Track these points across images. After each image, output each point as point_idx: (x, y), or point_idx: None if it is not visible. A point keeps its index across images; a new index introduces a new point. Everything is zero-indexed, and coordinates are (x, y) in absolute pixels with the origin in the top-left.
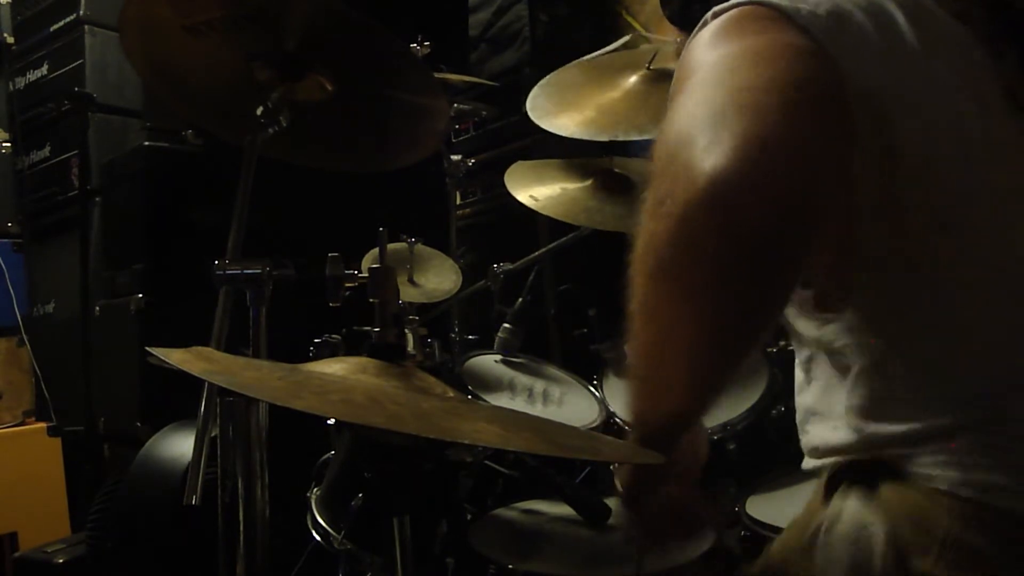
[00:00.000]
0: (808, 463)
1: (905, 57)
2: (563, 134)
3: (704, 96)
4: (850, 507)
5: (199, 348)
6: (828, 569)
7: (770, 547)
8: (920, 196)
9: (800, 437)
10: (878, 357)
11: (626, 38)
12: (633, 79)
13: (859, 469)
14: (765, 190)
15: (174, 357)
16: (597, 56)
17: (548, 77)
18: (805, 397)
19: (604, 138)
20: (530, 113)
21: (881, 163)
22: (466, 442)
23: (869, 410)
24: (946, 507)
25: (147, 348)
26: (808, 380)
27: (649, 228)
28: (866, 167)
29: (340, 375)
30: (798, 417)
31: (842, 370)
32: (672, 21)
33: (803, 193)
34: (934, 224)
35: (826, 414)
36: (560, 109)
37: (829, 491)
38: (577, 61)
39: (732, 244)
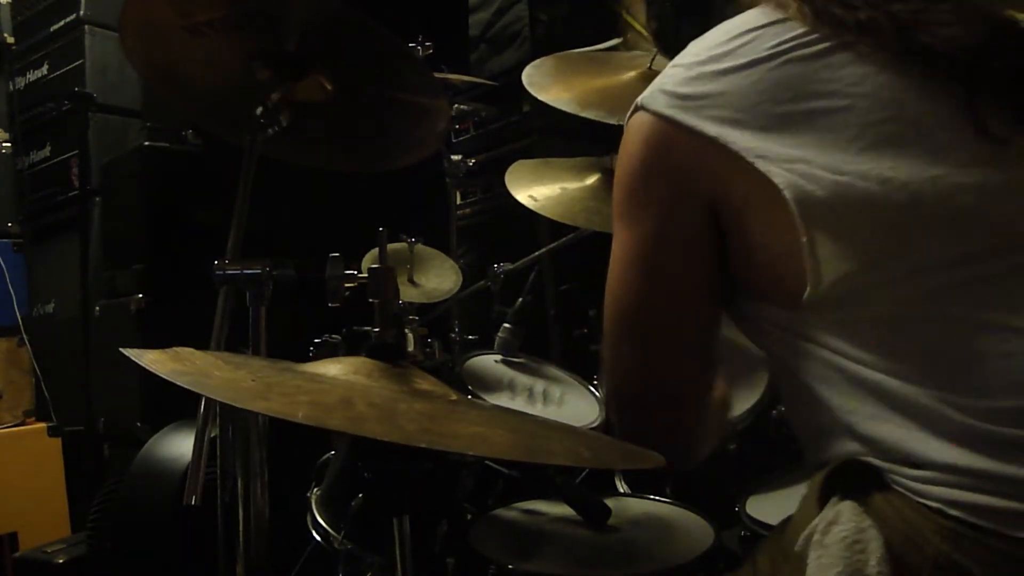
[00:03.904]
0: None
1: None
2: (559, 107)
3: (610, 306)
4: (844, 516)
5: (178, 349)
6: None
7: (757, 551)
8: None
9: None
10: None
11: (616, 40)
12: (633, 74)
13: (852, 476)
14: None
15: (147, 358)
16: (587, 51)
17: (543, 59)
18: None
19: (612, 121)
20: (526, 86)
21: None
22: (422, 446)
23: (854, 420)
24: (937, 525)
25: (122, 350)
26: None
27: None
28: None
29: (332, 375)
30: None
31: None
32: (657, 42)
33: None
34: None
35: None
36: (556, 83)
37: (822, 498)
38: (568, 52)
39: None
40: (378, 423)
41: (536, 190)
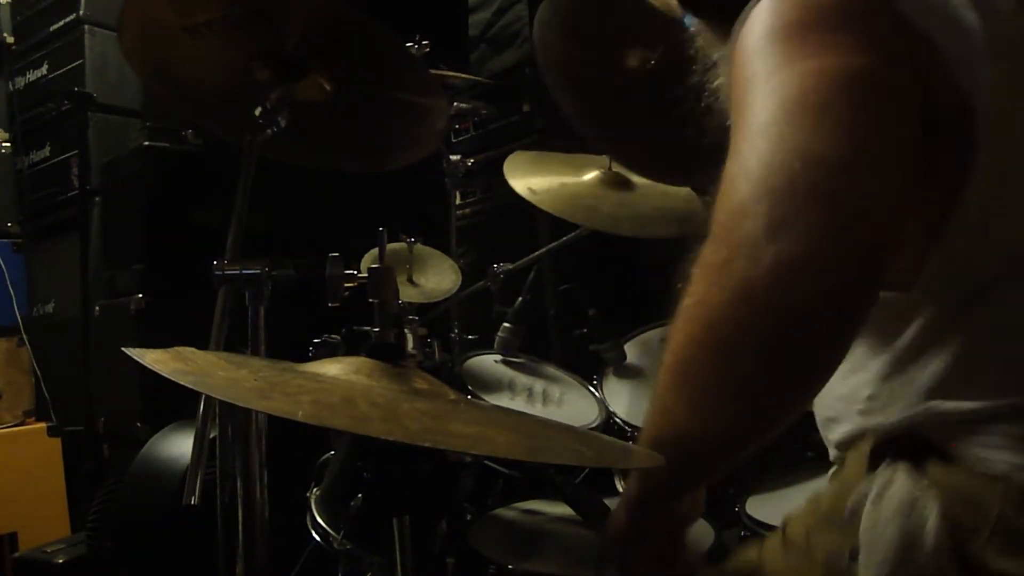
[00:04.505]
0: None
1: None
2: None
3: (767, 154)
4: (899, 480)
5: (180, 348)
6: (874, 540)
7: (785, 524)
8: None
9: (826, 427)
10: (937, 337)
11: None
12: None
13: (904, 447)
14: (827, 287)
15: (148, 357)
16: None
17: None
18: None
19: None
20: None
21: (965, 154)
22: (426, 445)
23: (927, 389)
24: (1000, 491)
25: (123, 349)
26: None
27: (701, 291)
28: (950, 153)
29: (333, 375)
30: (819, 405)
31: (891, 349)
32: (686, 6)
33: (864, 287)
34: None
35: (856, 398)
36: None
37: (872, 465)
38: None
39: (785, 333)
40: (382, 423)
41: (535, 181)
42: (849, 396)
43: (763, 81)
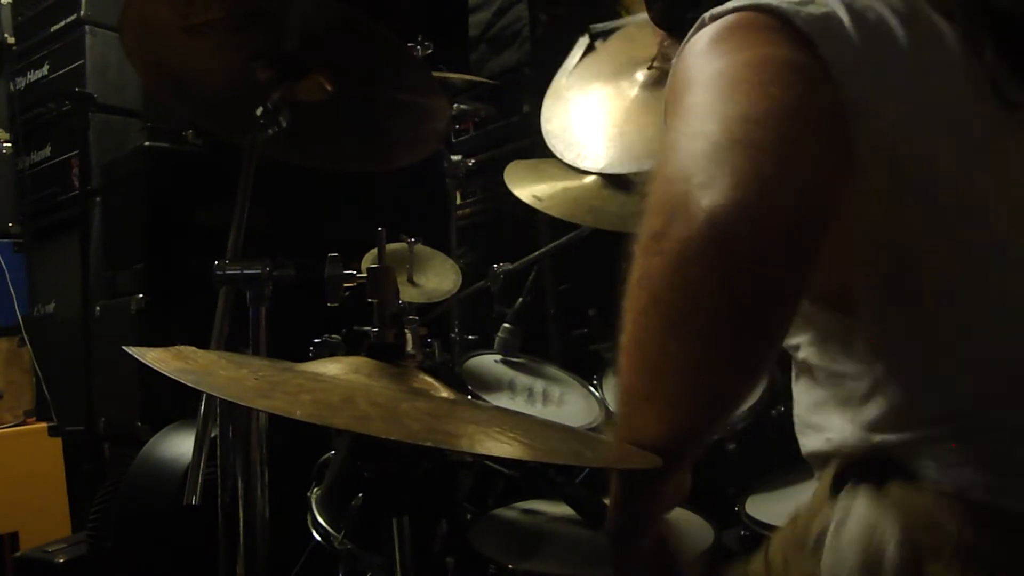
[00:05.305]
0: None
1: (896, 59)
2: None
3: (699, 127)
4: (859, 507)
5: (180, 347)
6: (836, 571)
7: (768, 545)
8: (917, 202)
9: (800, 443)
10: (880, 366)
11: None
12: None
13: (866, 468)
14: (764, 231)
15: (149, 356)
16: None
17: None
18: (799, 407)
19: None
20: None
21: (878, 174)
22: (428, 445)
23: (870, 415)
24: (957, 510)
25: (124, 348)
26: (802, 387)
27: (643, 263)
28: (866, 181)
29: (332, 375)
30: (795, 425)
31: (838, 376)
32: (657, 23)
33: (802, 231)
34: (934, 227)
35: (822, 425)
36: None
37: (835, 489)
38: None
39: (729, 285)
40: (383, 422)
41: (538, 189)
42: (799, 418)
43: (701, 74)
